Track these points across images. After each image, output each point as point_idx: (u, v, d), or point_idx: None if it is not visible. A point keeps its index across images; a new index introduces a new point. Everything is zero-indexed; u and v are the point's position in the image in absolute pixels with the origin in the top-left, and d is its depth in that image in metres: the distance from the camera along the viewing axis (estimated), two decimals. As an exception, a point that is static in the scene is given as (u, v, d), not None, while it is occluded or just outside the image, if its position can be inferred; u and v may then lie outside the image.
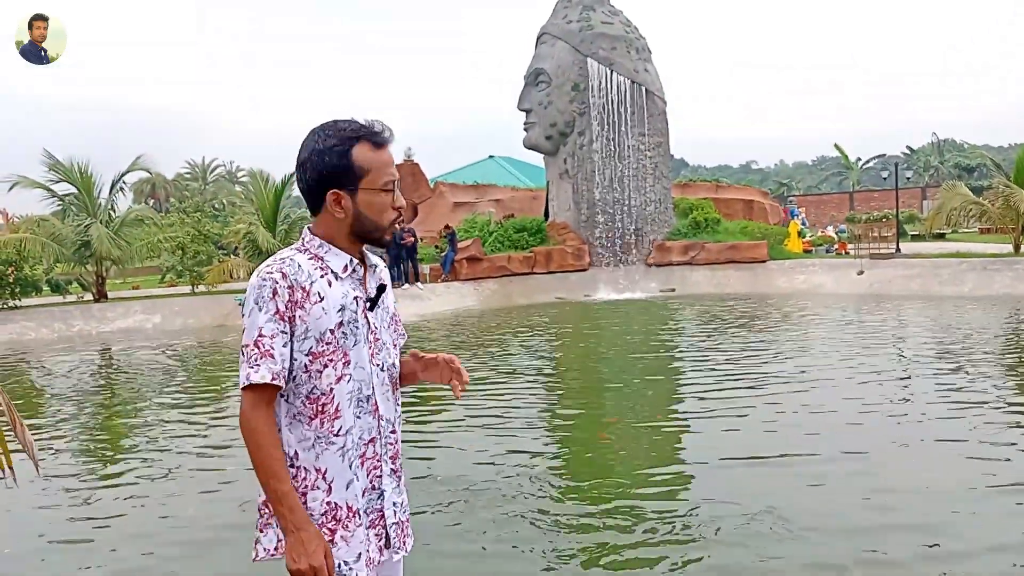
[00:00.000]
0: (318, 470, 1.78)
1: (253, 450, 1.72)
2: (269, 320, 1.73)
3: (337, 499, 1.79)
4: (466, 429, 6.51)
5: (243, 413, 1.74)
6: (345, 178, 1.80)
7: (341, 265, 1.84)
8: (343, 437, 1.79)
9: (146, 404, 8.42)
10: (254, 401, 1.73)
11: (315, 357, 1.77)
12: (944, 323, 12.00)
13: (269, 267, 1.78)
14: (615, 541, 3.99)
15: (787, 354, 9.65)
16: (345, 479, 1.80)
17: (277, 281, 1.75)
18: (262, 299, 1.74)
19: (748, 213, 24.75)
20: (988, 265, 16.66)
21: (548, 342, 12.35)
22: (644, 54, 21.82)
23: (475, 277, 19.80)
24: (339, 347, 1.79)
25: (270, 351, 1.72)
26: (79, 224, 19.03)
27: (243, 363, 1.74)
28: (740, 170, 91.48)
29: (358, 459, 1.82)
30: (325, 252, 1.84)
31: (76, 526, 4.63)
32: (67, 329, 16.69)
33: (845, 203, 47.22)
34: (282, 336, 1.74)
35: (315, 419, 1.78)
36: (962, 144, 62.39)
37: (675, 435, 6.18)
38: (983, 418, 6.03)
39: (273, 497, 1.72)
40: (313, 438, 1.78)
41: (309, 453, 1.78)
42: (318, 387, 1.78)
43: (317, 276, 1.79)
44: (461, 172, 35.50)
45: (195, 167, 62.80)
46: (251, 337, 1.73)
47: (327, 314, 1.77)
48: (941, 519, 4.07)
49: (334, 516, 1.79)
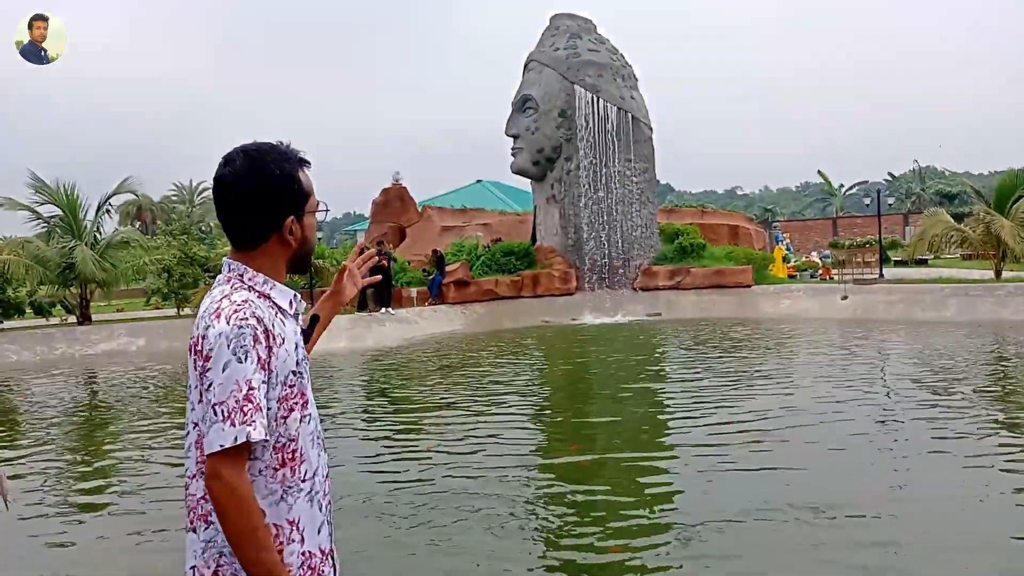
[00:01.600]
0: (291, 522, 1.67)
1: (243, 521, 1.55)
2: (256, 371, 1.59)
3: (310, 547, 1.71)
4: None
5: (224, 479, 1.54)
6: (298, 203, 1.75)
7: (286, 301, 1.75)
8: (310, 481, 1.71)
9: (128, 430, 8.34)
10: (238, 465, 1.56)
11: (281, 402, 1.67)
12: (930, 350, 12.12)
13: (240, 312, 1.61)
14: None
15: (767, 381, 9.71)
16: (316, 524, 1.73)
17: (255, 327, 1.60)
18: (244, 348, 1.58)
19: (733, 238, 24.97)
20: (970, 291, 16.86)
21: (531, 366, 12.36)
22: (630, 81, 22.12)
23: (463, 301, 19.81)
24: (299, 387, 1.71)
25: (261, 405, 1.58)
26: (64, 246, 18.90)
27: (228, 421, 1.54)
28: (725, 195, 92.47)
29: (324, 499, 1.77)
30: (271, 289, 1.73)
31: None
32: (50, 352, 16.53)
33: (829, 229, 47.78)
34: (263, 387, 1.60)
35: (280, 469, 1.66)
36: (943, 171, 63.33)
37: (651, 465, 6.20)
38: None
39: (261, 571, 1.56)
40: (280, 491, 1.66)
41: (279, 507, 1.66)
42: (283, 434, 1.66)
43: (272, 315, 1.68)
44: (449, 196, 35.70)
45: (182, 189, 62.67)
46: (241, 391, 1.56)
47: (289, 355, 1.69)
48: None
49: (309, 565, 1.70)
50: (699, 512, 4.70)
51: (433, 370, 12.05)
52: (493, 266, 21.40)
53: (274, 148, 1.74)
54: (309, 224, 1.79)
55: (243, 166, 1.71)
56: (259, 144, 1.75)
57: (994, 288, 16.85)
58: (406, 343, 15.74)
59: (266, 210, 1.72)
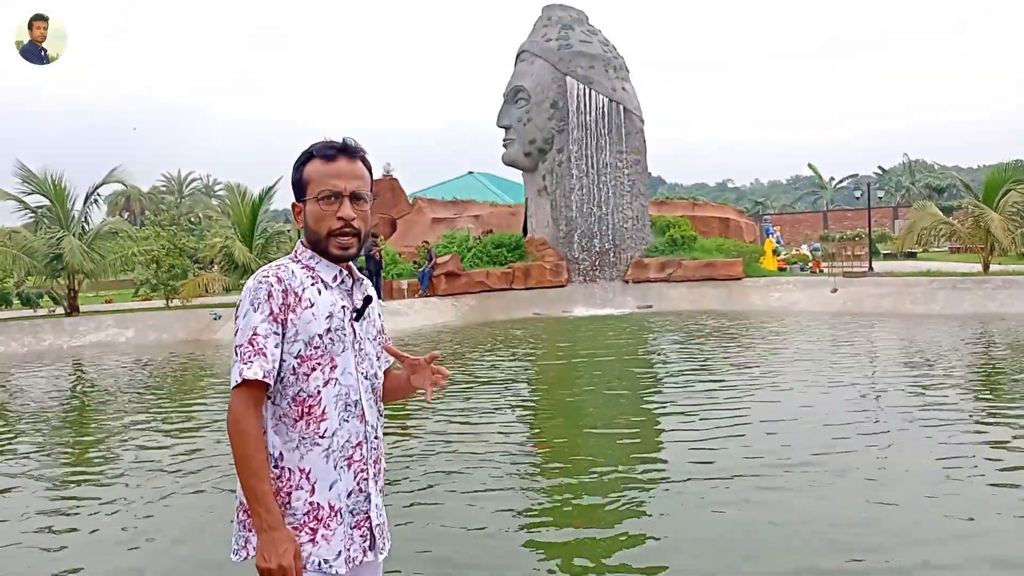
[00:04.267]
0: (302, 470, 1.82)
1: (239, 448, 1.75)
2: (264, 320, 1.79)
3: (319, 499, 1.83)
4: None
5: (233, 411, 1.77)
6: (299, 191, 1.94)
7: (331, 275, 1.92)
8: (328, 439, 1.84)
9: (116, 421, 8.29)
10: (245, 400, 1.77)
11: (303, 360, 1.83)
12: (917, 341, 12.18)
13: (265, 272, 1.86)
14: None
15: (758, 373, 9.74)
16: (328, 480, 1.84)
17: (272, 284, 1.82)
18: (257, 300, 1.80)
19: (724, 231, 25.03)
20: (958, 284, 16.96)
21: (523, 357, 12.35)
22: (622, 73, 22.08)
23: (453, 293, 19.79)
24: (327, 352, 1.85)
25: (263, 350, 1.78)
26: (51, 236, 18.77)
27: (236, 361, 1.78)
28: (716, 188, 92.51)
29: (344, 461, 1.86)
30: (316, 263, 1.92)
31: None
32: (38, 343, 16.42)
33: (819, 222, 47.96)
34: (274, 337, 1.80)
35: (300, 421, 1.83)
36: (933, 165, 63.62)
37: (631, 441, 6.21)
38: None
39: (251, 496, 1.75)
40: (298, 439, 1.82)
41: (293, 454, 1.82)
42: (304, 389, 1.83)
43: (308, 284, 1.87)
44: (440, 188, 35.52)
45: (171, 180, 62.26)
46: (245, 336, 1.78)
47: (316, 319, 1.84)
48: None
49: (316, 516, 1.82)
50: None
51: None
52: (484, 258, 21.37)
53: (316, 143, 1.94)
54: (309, 211, 1.91)
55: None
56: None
57: (982, 281, 16.95)
58: (396, 335, 15.70)
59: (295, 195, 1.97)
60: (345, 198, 1.88)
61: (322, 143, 1.92)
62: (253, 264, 20.01)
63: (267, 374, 1.77)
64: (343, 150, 1.91)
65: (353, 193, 1.89)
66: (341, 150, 1.91)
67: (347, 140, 1.93)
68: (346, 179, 1.89)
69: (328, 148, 1.91)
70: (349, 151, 1.92)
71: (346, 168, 1.90)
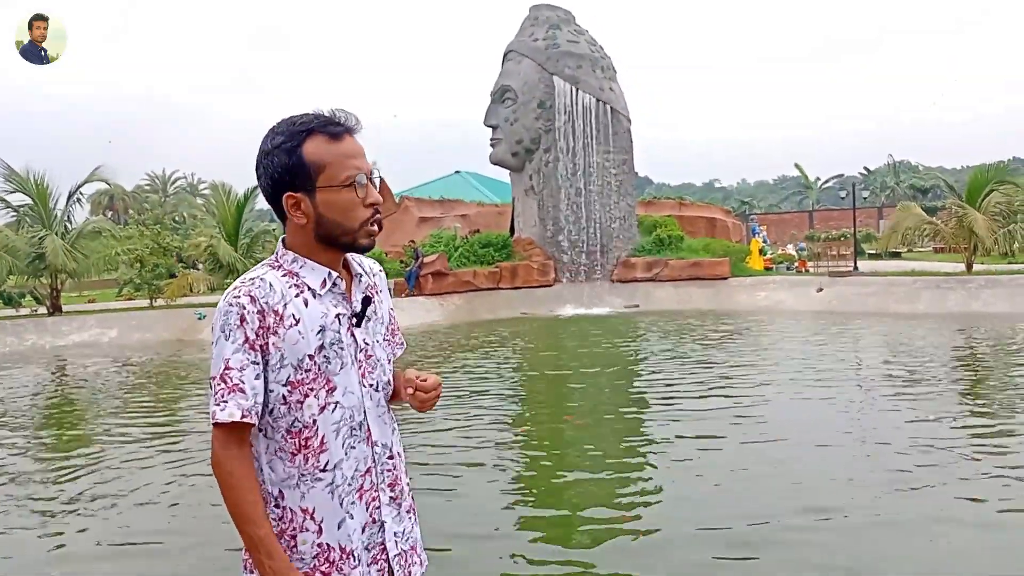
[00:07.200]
0: (305, 510, 1.59)
1: (226, 493, 1.54)
2: (237, 351, 1.53)
3: (329, 540, 1.60)
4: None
5: (214, 454, 1.55)
6: (299, 178, 1.58)
7: (319, 281, 1.62)
8: (331, 472, 1.60)
9: (100, 422, 8.20)
10: (225, 440, 1.54)
11: (294, 387, 1.57)
12: (900, 342, 12.26)
13: (236, 290, 1.56)
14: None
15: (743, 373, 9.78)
16: (336, 518, 1.61)
17: (244, 306, 1.53)
18: (228, 327, 1.53)
19: (711, 231, 25.12)
20: (941, 284, 17.10)
21: (509, 357, 12.34)
22: (609, 73, 22.10)
23: (440, 292, 19.74)
24: (320, 374, 1.59)
25: (239, 385, 1.52)
26: (34, 235, 18.58)
27: (211, 399, 1.55)
28: (703, 188, 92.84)
29: (354, 494, 1.63)
30: (300, 267, 1.62)
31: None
32: (20, 343, 16.24)
33: (805, 222, 48.23)
34: (253, 367, 1.54)
35: (298, 455, 1.59)
36: (917, 166, 64.16)
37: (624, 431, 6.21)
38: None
39: (249, 543, 1.54)
40: (297, 476, 1.59)
41: (294, 492, 1.59)
42: (299, 419, 1.58)
43: (291, 296, 1.58)
44: (427, 187, 35.42)
45: (155, 179, 61.78)
46: (217, 370, 1.54)
47: (304, 338, 1.57)
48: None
49: (327, 558, 1.60)
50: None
51: (411, 361, 11.97)
52: (471, 257, 21.33)
53: (286, 120, 1.61)
54: (325, 201, 1.59)
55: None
56: (285, 117, 1.63)
57: (965, 280, 17.10)
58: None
59: (266, 187, 1.63)
60: (370, 181, 1.62)
61: (318, 116, 1.61)
62: (238, 264, 19.89)
63: (247, 412, 1.52)
64: (353, 126, 1.64)
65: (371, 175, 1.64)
66: (351, 125, 1.64)
67: (340, 113, 1.64)
68: (362, 159, 1.63)
69: (333, 123, 1.60)
70: (355, 126, 1.65)
71: (357, 146, 1.63)
